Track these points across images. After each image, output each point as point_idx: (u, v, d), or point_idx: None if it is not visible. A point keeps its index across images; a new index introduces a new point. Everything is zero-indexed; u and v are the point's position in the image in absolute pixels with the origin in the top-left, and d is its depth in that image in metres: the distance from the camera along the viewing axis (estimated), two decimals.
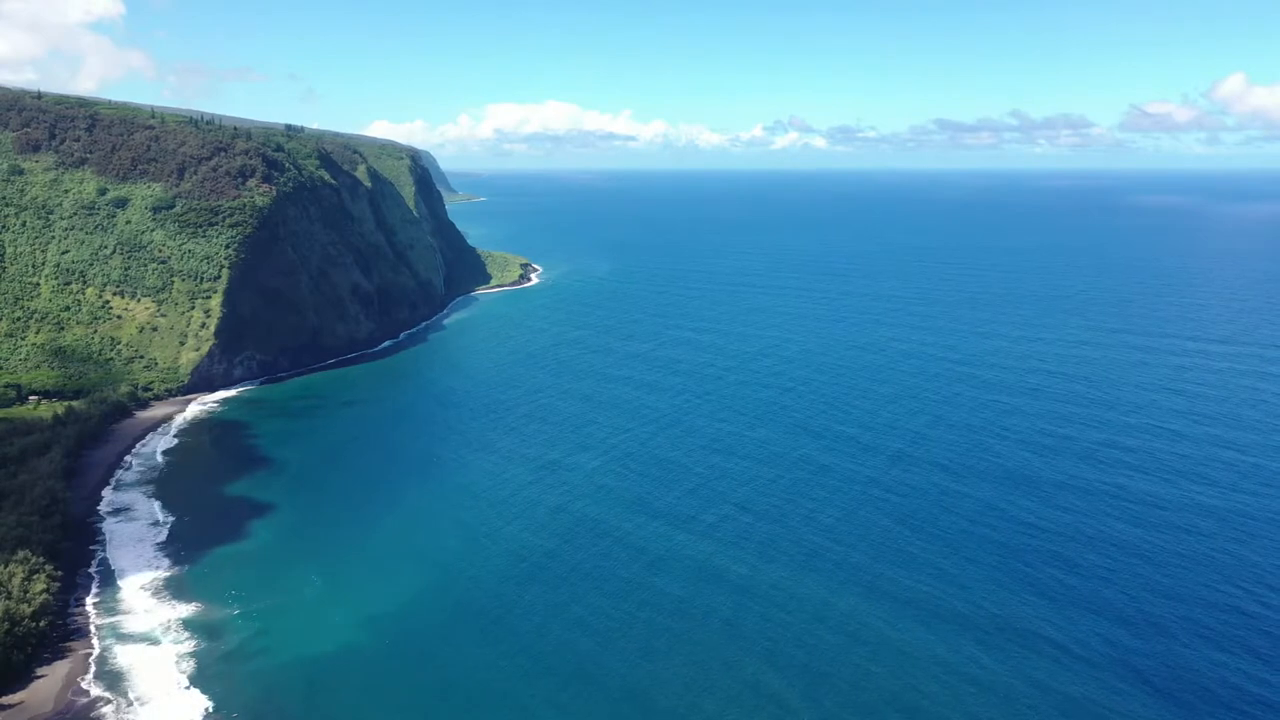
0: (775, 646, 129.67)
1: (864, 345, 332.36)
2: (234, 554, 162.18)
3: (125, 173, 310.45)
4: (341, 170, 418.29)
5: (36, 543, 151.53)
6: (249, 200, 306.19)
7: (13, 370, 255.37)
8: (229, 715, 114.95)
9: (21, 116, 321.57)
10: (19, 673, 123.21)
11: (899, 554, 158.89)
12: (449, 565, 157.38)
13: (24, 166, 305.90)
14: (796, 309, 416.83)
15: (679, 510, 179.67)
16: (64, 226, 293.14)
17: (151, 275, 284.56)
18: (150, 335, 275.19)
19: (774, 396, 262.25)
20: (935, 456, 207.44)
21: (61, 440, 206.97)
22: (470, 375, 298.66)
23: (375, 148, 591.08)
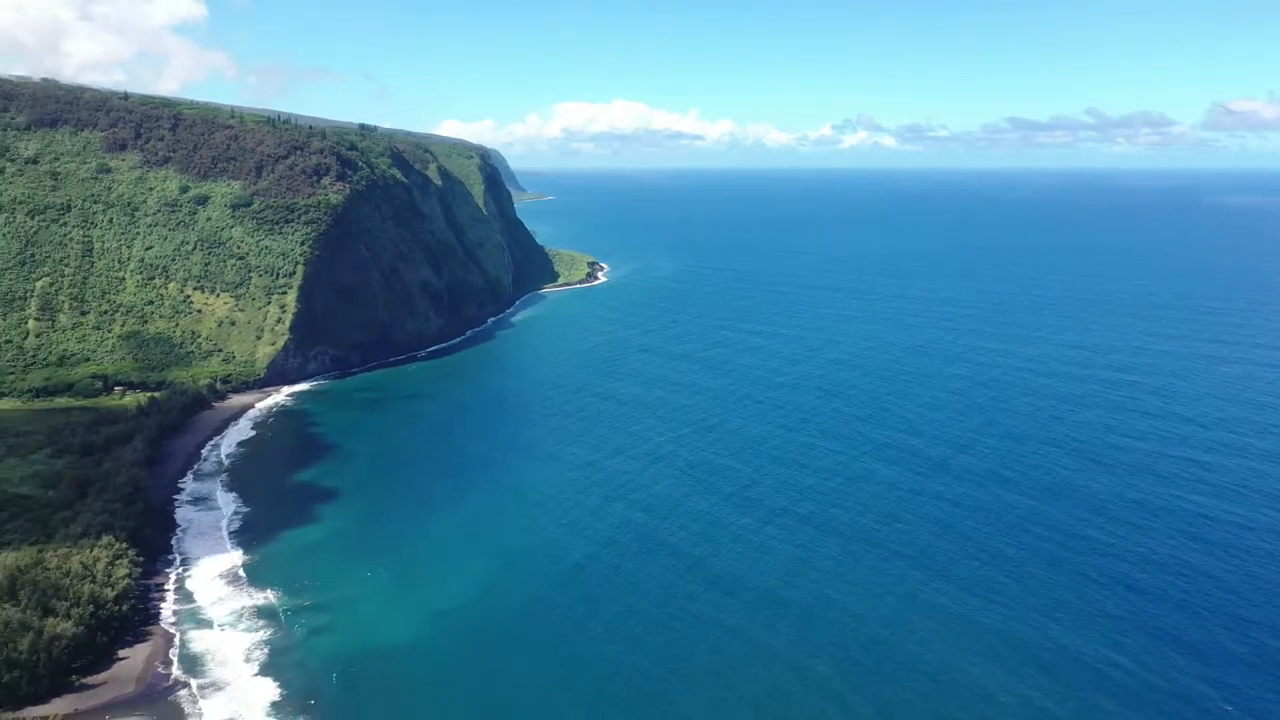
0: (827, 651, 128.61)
1: (924, 349, 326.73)
2: (304, 544, 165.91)
3: (206, 171, 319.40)
4: (413, 169, 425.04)
5: (120, 529, 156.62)
6: (323, 198, 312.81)
7: (99, 362, 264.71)
8: (298, 704, 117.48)
9: (109, 117, 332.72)
10: (102, 654, 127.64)
11: (947, 563, 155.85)
12: (514, 562, 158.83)
13: (111, 165, 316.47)
14: (857, 310, 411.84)
15: (743, 515, 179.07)
16: (148, 223, 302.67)
17: (230, 271, 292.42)
18: (228, 329, 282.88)
19: (826, 402, 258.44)
20: (992, 466, 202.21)
21: (144, 430, 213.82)
22: (534, 374, 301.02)
23: (446, 147, 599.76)
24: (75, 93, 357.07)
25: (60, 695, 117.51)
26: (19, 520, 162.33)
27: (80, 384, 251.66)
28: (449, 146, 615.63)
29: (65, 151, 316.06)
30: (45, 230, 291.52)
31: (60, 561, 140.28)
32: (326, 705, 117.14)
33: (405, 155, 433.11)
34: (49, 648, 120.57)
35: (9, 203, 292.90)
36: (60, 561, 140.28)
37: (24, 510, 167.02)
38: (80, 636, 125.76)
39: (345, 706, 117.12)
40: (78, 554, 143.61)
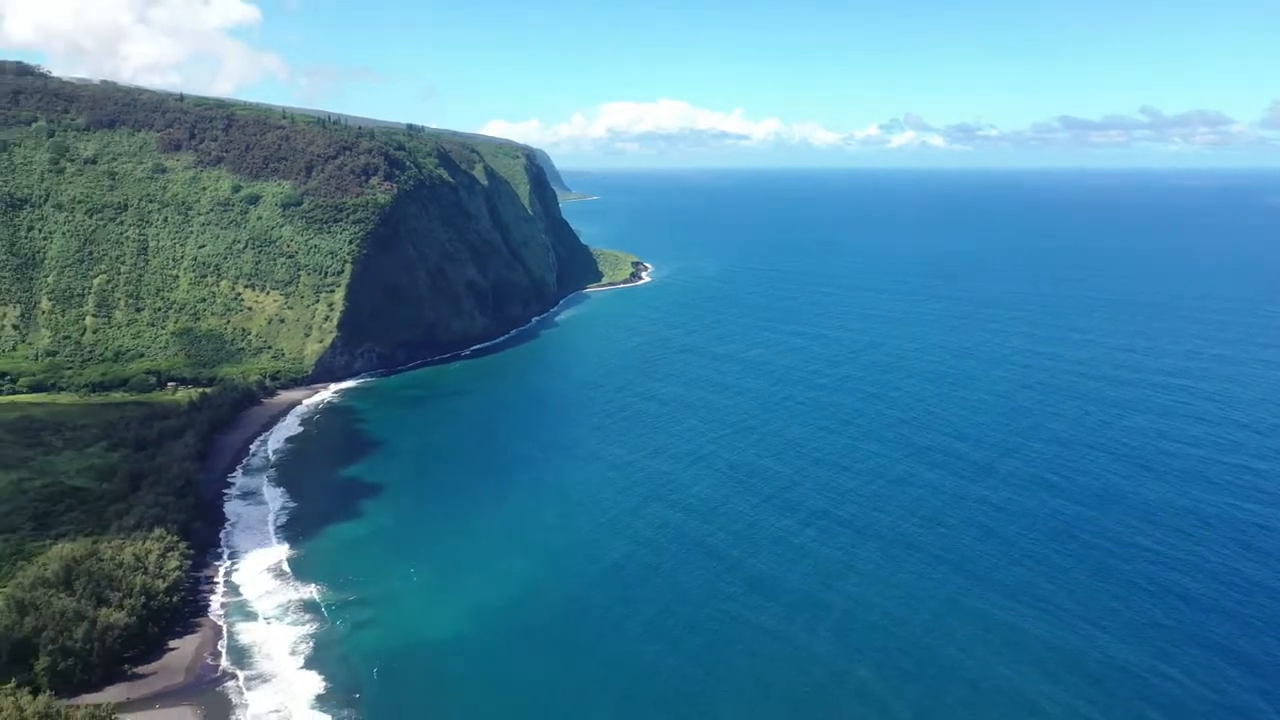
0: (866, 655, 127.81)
1: (969, 351, 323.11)
2: (349, 539, 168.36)
3: (257, 171, 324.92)
4: (459, 169, 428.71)
5: (171, 522, 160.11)
6: (371, 198, 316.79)
7: (153, 358, 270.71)
8: (341, 698, 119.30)
9: (165, 118, 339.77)
10: (154, 644, 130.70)
11: (990, 569, 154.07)
12: (554, 560, 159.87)
13: (166, 165, 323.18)
14: (901, 312, 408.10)
15: (782, 517, 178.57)
16: (201, 222, 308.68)
17: (280, 269, 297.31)
18: (278, 327, 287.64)
19: (868, 404, 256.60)
20: (1037, 471, 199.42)
21: (196, 425, 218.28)
22: (576, 374, 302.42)
23: (492, 147, 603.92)
24: (133, 94, 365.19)
25: (113, 684, 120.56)
26: (75, 512, 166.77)
27: (135, 379, 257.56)
28: (495, 146, 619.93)
29: (123, 152, 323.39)
30: (103, 229, 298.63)
31: (114, 553, 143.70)
32: (369, 699, 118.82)
33: (452, 155, 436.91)
34: (102, 637, 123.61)
35: (69, 202, 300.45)
36: (114, 553, 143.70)
37: (80, 502, 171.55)
38: (132, 627, 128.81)
39: (387, 701, 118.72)
40: (130, 546, 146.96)
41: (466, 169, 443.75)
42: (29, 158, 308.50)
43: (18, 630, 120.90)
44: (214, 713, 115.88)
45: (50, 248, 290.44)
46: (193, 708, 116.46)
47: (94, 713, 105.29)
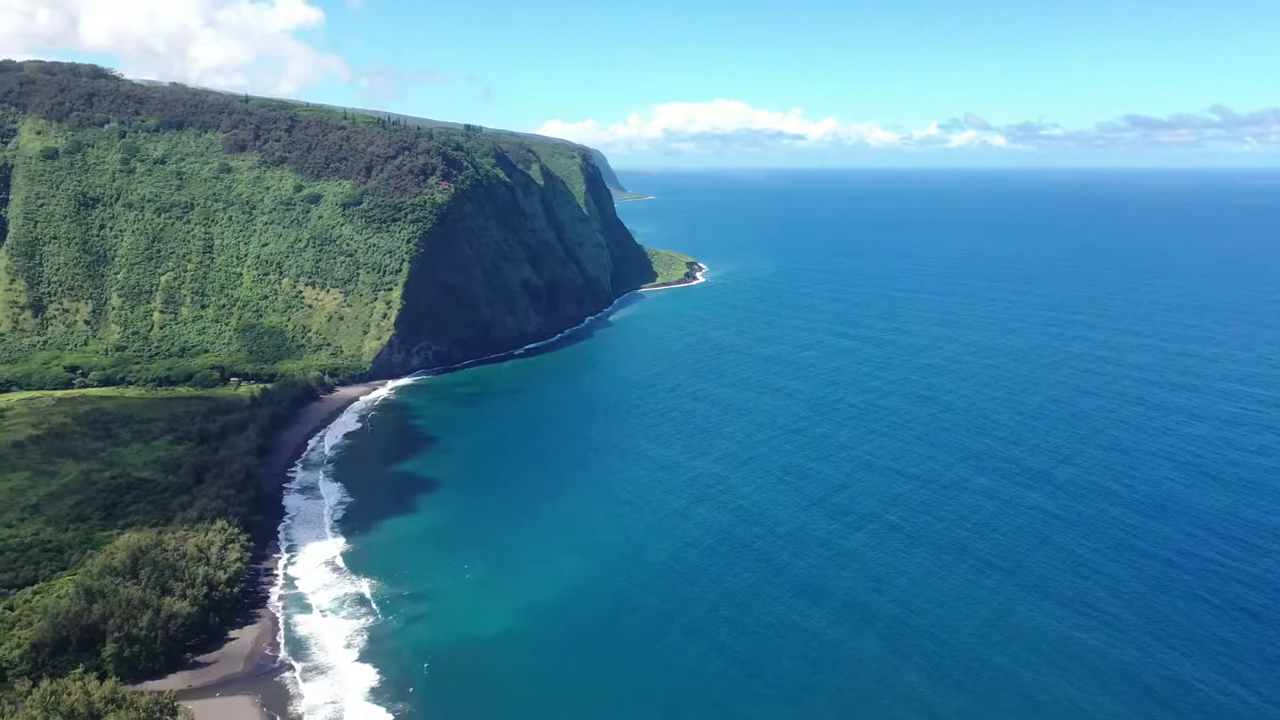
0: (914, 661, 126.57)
1: (1026, 354, 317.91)
2: (403, 535, 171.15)
3: (319, 171, 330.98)
4: (516, 168, 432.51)
5: (233, 514, 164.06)
6: (429, 197, 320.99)
7: (217, 353, 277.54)
8: (395, 692, 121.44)
9: (231, 119, 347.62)
10: (215, 634, 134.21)
11: (1044, 578, 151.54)
12: (603, 560, 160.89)
13: (232, 165, 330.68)
14: (957, 314, 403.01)
15: (830, 520, 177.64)
16: (264, 221, 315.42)
17: (339, 268, 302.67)
18: (337, 324, 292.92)
19: (920, 408, 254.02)
20: (1095, 478, 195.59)
21: (257, 420, 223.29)
22: (628, 374, 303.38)
23: (548, 147, 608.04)
24: (200, 96, 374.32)
25: (176, 671, 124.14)
26: (141, 503, 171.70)
27: (199, 374, 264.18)
28: (551, 146, 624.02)
29: (190, 152, 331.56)
30: (170, 227, 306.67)
31: (177, 543, 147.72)
32: (421, 693, 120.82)
33: (509, 155, 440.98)
34: (166, 625, 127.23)
35: (138, 201, 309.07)
36: (177, 543, 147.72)
37: (146, 494, 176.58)
38: (195, 616, 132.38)
39: (438, 696, 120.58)
40: (193, 537, 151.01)
41: (523, 169, 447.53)
42: (101, 158, 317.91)
43: (86, 617, 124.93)
44: (272, 703, 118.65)
45: (120, 245, 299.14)
46: (251, 697, 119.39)
47: (158, 699, 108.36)
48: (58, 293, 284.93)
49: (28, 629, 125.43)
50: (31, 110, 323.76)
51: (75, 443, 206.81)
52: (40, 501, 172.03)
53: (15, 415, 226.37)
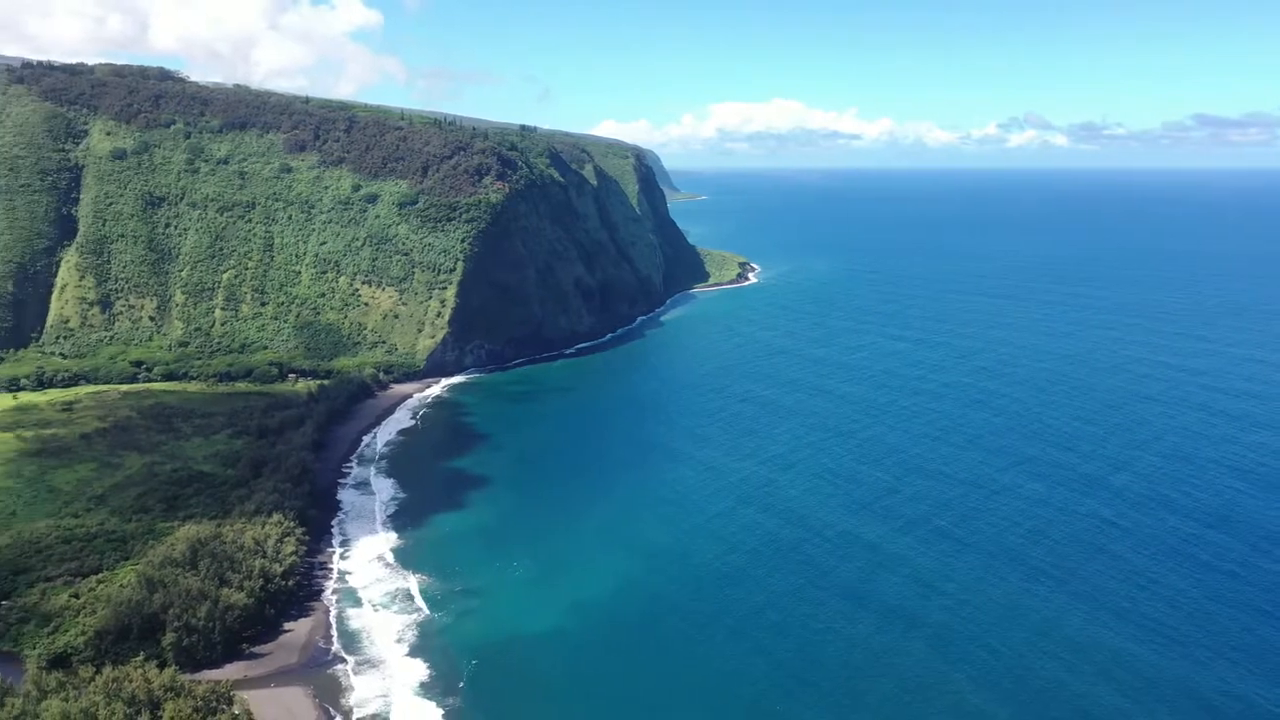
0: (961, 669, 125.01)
1: (1082, 358, 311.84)
2: (455, 530, 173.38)
3: (376, 171, 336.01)
4: (570, 168, 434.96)
5: (289, 508, 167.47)
6: (484, 197, 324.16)
7: (275, 349, 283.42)
8: (444, 686, 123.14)
9: (292, 119, 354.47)
10: (270, 625, 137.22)
11: (1097, 588, 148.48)
12: (649, 560, 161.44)
13: (292, 165, 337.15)
14: (1012, 316, 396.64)
15: (877, 524, 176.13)
16: (323, 220, 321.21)
17: (395, 266, 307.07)
18: (392, 322, 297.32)
19: (971, 411, 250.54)
20: (1152, 486, 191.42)
21: (313, 416, 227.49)
22: (678, 374, 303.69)
23: (602, 147, 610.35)
24: (262, 97, 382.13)
25: (231, 661, 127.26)
26: (201, 496, 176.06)
27: (258, 370, 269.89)
28: (605, 146, 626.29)
29: (252, 152, 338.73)
30: (232, 226, 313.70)
31: (235, 536, 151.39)
32: (469, 689, 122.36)
33: (563, 155, 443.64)
34: (223, 616, 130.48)
35: (202, 200, 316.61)
36: (235, 536, 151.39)
37: (206, 486, 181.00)
38: (251, 608, 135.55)
39: (486, 692, 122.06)
40: (251, 530, 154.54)
41: (577, 169, 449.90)
42: (167, 158, 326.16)
43: (147, 606, 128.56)
44: (325, 694, 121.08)
45: (184, 244, 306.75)
46: (304, 689, 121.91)
47: (214, 689, 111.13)
48: (124, 289, 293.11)
49: (92, 616, 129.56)
50: (102, 112, 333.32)
51: (139, 436, 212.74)
52: (105, 492, 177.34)
53: (83, 408, 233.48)
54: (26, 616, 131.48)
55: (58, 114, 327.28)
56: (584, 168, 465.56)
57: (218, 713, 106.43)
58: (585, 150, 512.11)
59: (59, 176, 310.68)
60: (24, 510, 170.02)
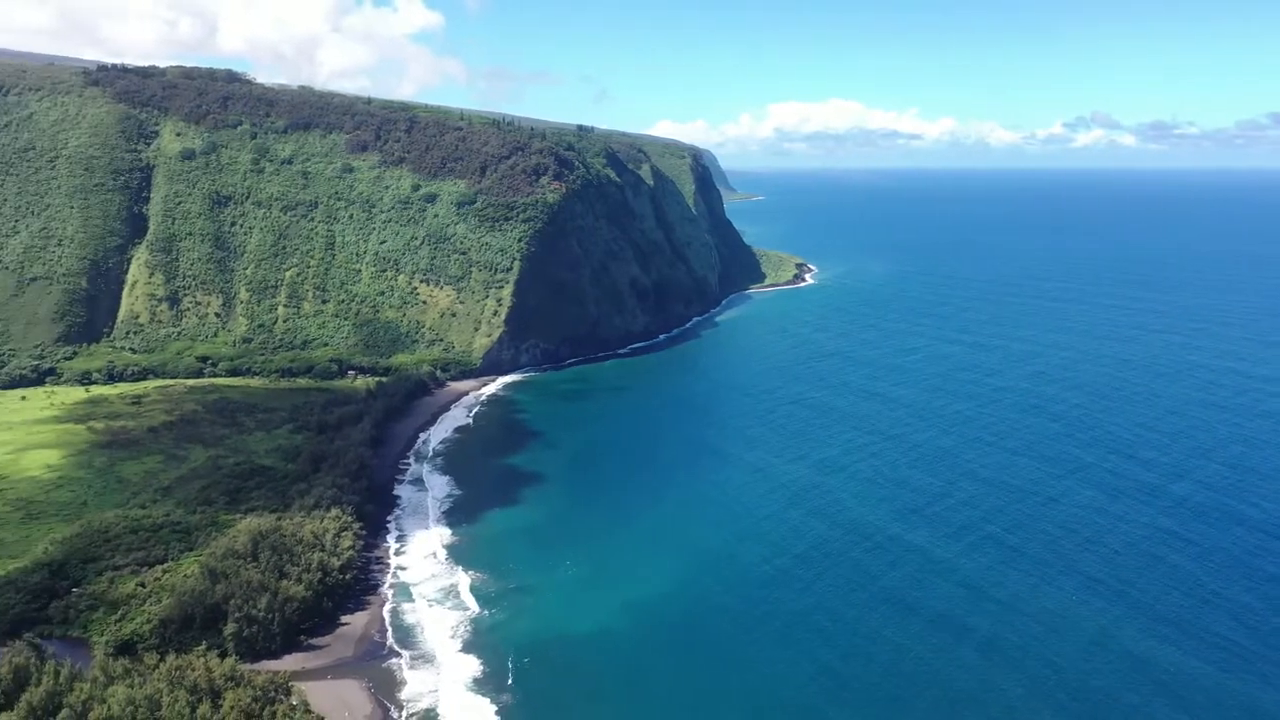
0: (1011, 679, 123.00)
1: (1142, 364, 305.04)
2: (508, 528, 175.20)
3: (435, 170, 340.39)
4: (626, 168, 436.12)
5: (346, 503, 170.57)
6: (541, 197, 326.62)
7: (335, 346, 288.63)
8: (496, 683, 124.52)
9: (354, 120, 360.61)
10: (327, 618, 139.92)
11: (1154, 601, 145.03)
12: (701, 560, 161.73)
13: (354, 165, 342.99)
14: (1072, 320, 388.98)
15: (926, 530, 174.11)
16: (383, 219, 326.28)
17: (453, 265, 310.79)
18: (449, 320, 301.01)
19: (1025, 417, 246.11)
20: (1215, 497, 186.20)
21: (371, 412, 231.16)
22: (731, 376, 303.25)
23: (659, 147, 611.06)
24: (326, 98, 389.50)
25: (290, 653, 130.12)
26: (263, 489, 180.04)
27: (319, 366, 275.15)
28: (662, 147, 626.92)
29: (315, 152, 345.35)
30: (295, 225, 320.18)
31: (294, 529, 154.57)
32: (521, 686, 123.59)
33: (619, 155, 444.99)
34: (282, 608, 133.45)
35: (267, 199, 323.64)
36: (294, 529, 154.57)
37: (267, 480, 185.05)
38: (309, 600, 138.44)
39: (537, 689, 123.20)
40: (310, 523, 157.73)
41: (633, 169, 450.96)
42: (234, 158, 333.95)
43: (210, 596, 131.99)
44: (380, 688, 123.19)
45: (249, 242, 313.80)
46: (360, 681, 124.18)
47: (273, 679, 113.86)
48: (192, 286, 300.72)
49: (157, 605, 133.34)
50: (172, 113, 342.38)
51: (204, 429, 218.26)
52: (171, 484, 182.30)
53: (151, 402, 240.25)
54: (95, 604, 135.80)
55: (130, 115, 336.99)
56: (640, 168, 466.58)
57: (276, 703, 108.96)
58: (642, 150, 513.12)
59: (131, 176, 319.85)
60: (94, 500, 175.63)
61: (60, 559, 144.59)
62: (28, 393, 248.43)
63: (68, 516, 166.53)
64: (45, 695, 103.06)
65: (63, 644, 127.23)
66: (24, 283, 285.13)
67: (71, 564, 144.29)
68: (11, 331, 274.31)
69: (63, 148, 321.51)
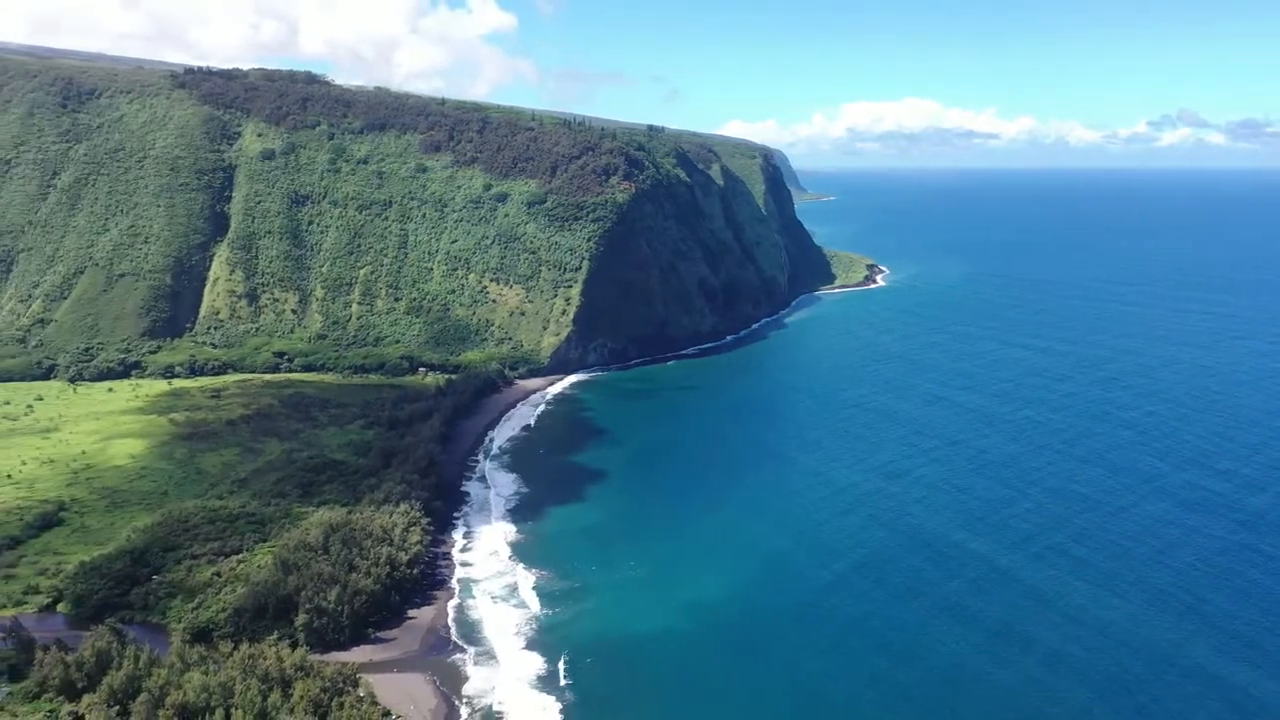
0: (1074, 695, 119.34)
1: (1221, 372, 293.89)
2: (573, 527, 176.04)
3: (507, 170, 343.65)
4: (696, 168, 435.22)
5: (415, 499, 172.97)
6: (610, 197, 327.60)
7: (407, 344, 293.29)
8: (559, 682, 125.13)
9: (428, 120, 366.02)
10: (394, 612, 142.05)
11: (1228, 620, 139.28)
12: (762, 564, 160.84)
13: (427, 164, 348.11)
14: (1148, 325, 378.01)
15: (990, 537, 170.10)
16: (455, 218, 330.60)
17: (523, 265, 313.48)
18: (518, 319, 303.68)
19: (1091, 424, 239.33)
20: None
21: (441, 409, 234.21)
22: (799, 378, 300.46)
23: (729, 147, 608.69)
24: (401, 99, 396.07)
25: (358, 645, 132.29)
26: (334, 483, 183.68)
27: (390, 363, 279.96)
28: (732, 146, 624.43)
29: (390, 153, 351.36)
30: (370, 224, 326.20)
31: (364, 523, 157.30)
32: (583, 685, 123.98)
33: (690, 155, 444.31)
34: (352, 601, 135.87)
35: (343, 198, 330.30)
36: (364, 523, 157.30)
37: (338, 474, 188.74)
38: (377, 594, 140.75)
39: (599, 688, 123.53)
40: (379, 518, 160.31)
41: (703, 169, 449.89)
42: (313, 158, 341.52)
43: (282, 587, 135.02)
44: (445, 682, 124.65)
45: (325, 240, 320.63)
46: (425, 675, 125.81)
47: (341, 670, 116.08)
48: (270, 283, 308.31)
49: (232, 594, 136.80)
50: (254, 114, 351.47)
51: (279, 423, 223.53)
52: (247, 476, 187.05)
53: (230, 395, 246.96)
54: (173, 591, 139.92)
55: (214, 117, 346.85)
56: (710, 168, 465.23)
57: (343, 694, 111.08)
58: (712, 150, 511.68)
59: (214, 175, 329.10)
60: (174, 490, 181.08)
61: (142, 547, 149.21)
62: (115, 385, 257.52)
63: (149, 506, 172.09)
64: (125, 679, 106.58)
65: (142, 629, 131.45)
66: (113, 279, 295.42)
67: (152, 552, 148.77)
68: (101, 326, 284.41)
69: (150, 148, 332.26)
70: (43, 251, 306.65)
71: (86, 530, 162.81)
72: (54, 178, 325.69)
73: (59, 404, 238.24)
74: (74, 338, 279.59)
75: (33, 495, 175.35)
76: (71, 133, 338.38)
